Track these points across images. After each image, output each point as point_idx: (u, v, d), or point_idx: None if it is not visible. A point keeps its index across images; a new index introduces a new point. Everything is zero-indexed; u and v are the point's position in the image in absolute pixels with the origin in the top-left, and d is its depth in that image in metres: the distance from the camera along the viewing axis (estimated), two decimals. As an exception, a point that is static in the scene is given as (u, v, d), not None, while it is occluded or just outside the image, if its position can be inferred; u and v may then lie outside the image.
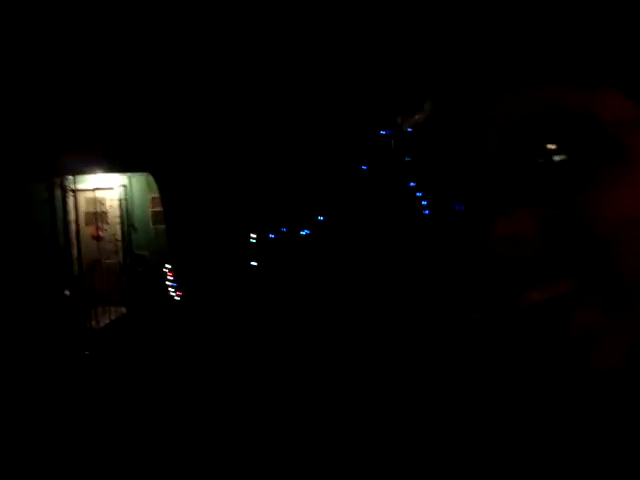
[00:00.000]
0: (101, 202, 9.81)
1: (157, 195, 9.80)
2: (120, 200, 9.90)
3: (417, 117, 0.63)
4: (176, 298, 9.05)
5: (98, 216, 9.76)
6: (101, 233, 9.74)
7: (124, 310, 9.18)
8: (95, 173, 9.60)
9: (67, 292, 8.52)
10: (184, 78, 8.51)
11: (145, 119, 8.91)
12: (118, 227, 9.86)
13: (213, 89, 8.74)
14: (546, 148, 0.44)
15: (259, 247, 9.46)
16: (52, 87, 8.07)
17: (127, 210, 9.92)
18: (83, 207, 9.62)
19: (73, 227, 9.14)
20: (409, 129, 0.62)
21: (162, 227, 9.76)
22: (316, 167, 9.39)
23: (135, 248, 9.86)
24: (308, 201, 9.47)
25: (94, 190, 9.72)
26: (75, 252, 9.07)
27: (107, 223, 9.85)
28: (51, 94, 8.11)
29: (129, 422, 4.81)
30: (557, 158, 0.44)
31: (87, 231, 9.62)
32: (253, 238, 9.49)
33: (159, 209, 9.80)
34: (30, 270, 8.22)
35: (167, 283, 9.18)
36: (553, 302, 0.42)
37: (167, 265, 9.25)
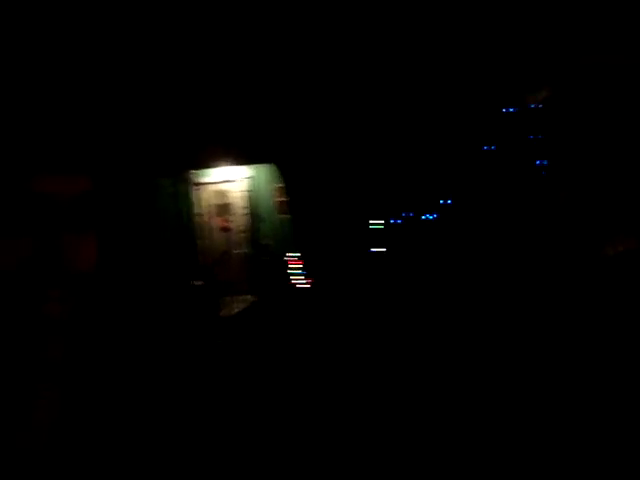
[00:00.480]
0: (228, 194, 10.09)
1: (282, 185, 9.92)
2: (246, 191, 10.12)
3: (543, 93, 0.54)
4: (298, 286, 9.11)
5: (225, 208, 10.04)
6: (228, 224, 10.02)
7: (252, 299, 9.38)
8: (221, 166, 9.89)
9: (198, 282, 8.83)
10: (306, 72, 8.54)
11: (268, 111, 9.03)
12: (245, 218, 10.10)
13: (332, 80, 8.69)
14: None
15: (382, 233, 9.29)
16: (177, 86, 8.38)
17: (253, 201, 10.13)
18: (212, 199, 9.95)
19: (200, 219, 9.47)
20: (534, 105, 0.54)
21: (287, 217, 9.86)
22: (439, 148, 9.05)
23: (261, 239, 10.04)
24: (431, 185, 9.16)
25: (221, 183, 10.02)
26: (204, 243, 9.40)
27: (234, 215, 10.11)
28: (178, 93, 8.43)
29: (267, 409, 4.85)
30: None
31: (215, 223, 9.94)
32: (376, 224, 9.33)
33: (284, 199, 9.92)
34: (161, 262, 8.61)
35: (289, 271, 9.27)
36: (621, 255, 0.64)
37: (288, 254, 9.34)
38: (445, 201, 9.20)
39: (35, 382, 0.59)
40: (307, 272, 9.43)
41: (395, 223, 9.43)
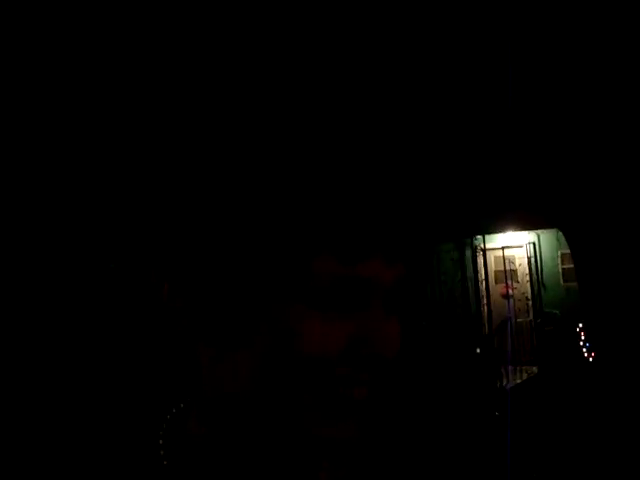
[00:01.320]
0: (510, 260, 9.89)
1: (567, 251, 9.44)
2: (529, 258, 9.83)
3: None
4: (590, 359, 8.47)
5: (507, 274, 9.84)
6: (511, 291, 9.78)
7: (535, 370, 8.96)
8: (504, 232, 9.76)
9: (478, 350, 8.73)
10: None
11: (552, 173, 8.74)
12: (527, 285, 9.78)
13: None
14: None
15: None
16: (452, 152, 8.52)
17: (536, 268, 9.79)
18: (492, 266, 9.84)
19: (483, 286, 9.39)
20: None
21: (573, 285, 9.32)
22: None
23: (545, 306, 9.61)
24: None
25: (503, 248, 9.87)
26: (485, 310, 9.28)
27: (517, 281, 9.85)
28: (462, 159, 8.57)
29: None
30: None
31: (497, 290, 9.78)
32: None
33: (569, 266, 9.41)
34: (445, 328, 8.67)
35: (581, 344, 8.68)
36: None
37: (580, 324, 8.76)
38: None
39: (320, 459, 0.62)
40: (591, 344, 8.75)
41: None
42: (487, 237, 9.81)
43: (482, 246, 9.86)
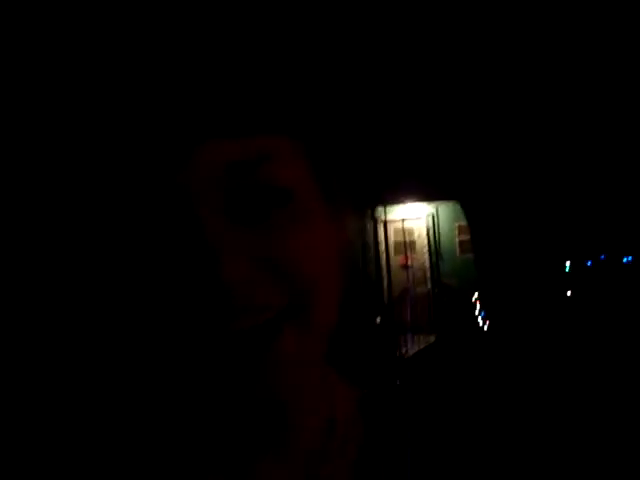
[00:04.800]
0: (409, 232, 10.04)
1: (464, 223, 9.68)
2: (427, 229, 10.02)
3: None
4: (484, 328, 8.76)
5: (407, 245, 9.99)
6: (410, 262, 9.94)
7: (433, 339, 9.17)
8: (404, 203, 9.87)
9: (377, 320, 8.80)
10: (490, 104, 8.28)
11: (453, 146, 8.89)
12: (426, 256, 9.97)
13: (522, 110, 8.34)
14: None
15: (574, 276, 8.70)
16: (367, 123, 8.48)
17: (434, 239, 9.99)
18: (392, 237, 9.95)
19: (383, 257, 9.47)
20: None
21: (469, 256, 9.59)
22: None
23: (442, 277, 9.84)
24: (632, 222, 8.46)
25: (402, 220, 10.00)
26: (385, 281, 9.37)
27: (415, 252, 10.03)
28: (371, 132, 8.54)
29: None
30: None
31: (396, 260, 9.90)
32: (567, 266, 8.77)
33: (466, 238, 9.67)
34: (344, 298, 8.68)
35: (475, 313, 8.95)
36: (258, 328, 0.48)
37: (475, 294, 9.03)
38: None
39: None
40: (486, 314, 9.06)
41: (587, 265, 8.81)
42: (388, 209, 9.89)
43: (383, 217, 9.93)
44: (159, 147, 0.47)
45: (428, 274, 9.93)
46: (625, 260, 8.45)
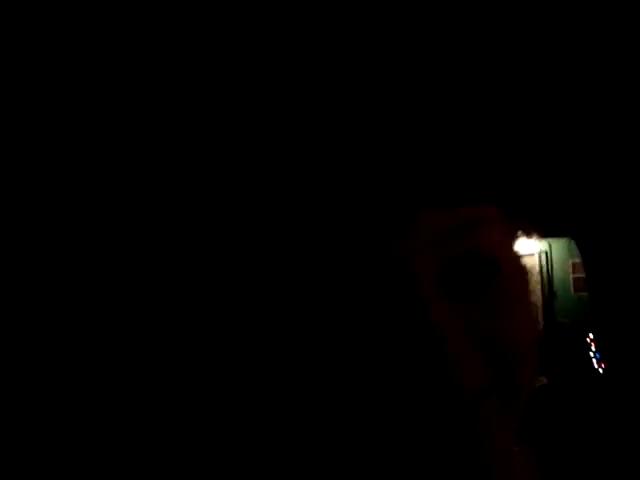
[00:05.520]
0: (522, 269, 9.84)
1: (578, 261, 9.40)
2: (540, 266, 9.79)
3: None
4: (600, 370, 8.39)
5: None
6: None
7: (544, 380, 8.89)
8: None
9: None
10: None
11: (567, 180, 8.68)
12: (539, 294, 9.73)
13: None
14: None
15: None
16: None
17: (547, 276, 9.74)
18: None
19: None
20: None
21: (584, 294, 9.27)
22: None
23: (556, 315, 9.56)
24: None
25: (514, 257, 9.82)
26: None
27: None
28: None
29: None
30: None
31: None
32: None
33: (581, 275, 9.37)
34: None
35: (591, 354, 8.60)
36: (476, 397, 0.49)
37: (591, 335, 8.68)
38: None
39: None
40: (601, 355, 8.68)
41: None
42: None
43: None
44: (375, 219, 0.48)
45: (541, 312, 9.67)
46: None
